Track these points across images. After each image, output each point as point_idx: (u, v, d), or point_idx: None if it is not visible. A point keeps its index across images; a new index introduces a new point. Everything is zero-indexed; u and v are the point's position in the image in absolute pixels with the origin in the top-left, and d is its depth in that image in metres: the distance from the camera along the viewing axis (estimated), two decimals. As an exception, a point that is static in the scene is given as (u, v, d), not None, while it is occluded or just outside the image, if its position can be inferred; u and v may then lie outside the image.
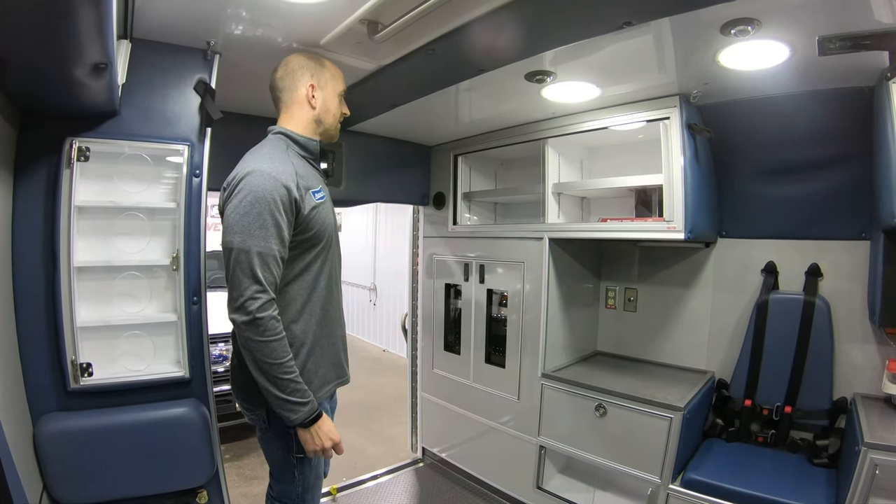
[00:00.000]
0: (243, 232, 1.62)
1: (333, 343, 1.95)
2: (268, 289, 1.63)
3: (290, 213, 1.70)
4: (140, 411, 2.04)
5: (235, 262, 1.62)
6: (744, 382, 2.80)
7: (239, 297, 1.61)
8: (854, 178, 2.54)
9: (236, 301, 1.62)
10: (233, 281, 1.63)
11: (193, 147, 2.09)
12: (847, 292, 2.64)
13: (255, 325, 1.61)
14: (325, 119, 1.92)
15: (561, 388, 2.94)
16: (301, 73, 1.87)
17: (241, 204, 1.64)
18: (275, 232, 1.64)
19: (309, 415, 1.71)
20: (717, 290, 3.05)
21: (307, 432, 1.74)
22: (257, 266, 1.61)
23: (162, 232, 2.07)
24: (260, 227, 1.62)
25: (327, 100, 1.91)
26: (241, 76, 2.30)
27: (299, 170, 1.78)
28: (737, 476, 2.39)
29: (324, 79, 1.90)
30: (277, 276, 1.68)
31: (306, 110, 1.88)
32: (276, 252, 1.65)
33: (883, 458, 1.94)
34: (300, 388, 1.69)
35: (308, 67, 1.88)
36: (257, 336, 1.62)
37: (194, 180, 2.08)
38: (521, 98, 2.65)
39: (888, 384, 2.34)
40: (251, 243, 1.61)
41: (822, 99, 2.38)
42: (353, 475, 3.70)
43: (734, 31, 1.81)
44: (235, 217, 1.64)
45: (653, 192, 2.88)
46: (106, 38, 1.42)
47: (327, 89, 1.91)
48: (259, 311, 1.61)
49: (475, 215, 3.75)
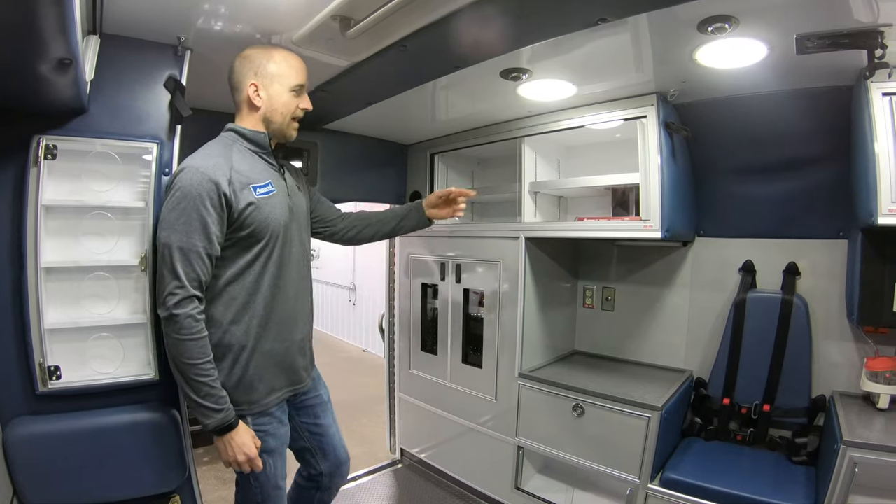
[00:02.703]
0: (168, 227, 1.62)
1: (285, 347, 1.91)
2: (187, 285, 1.61)
3: (220, 209, 1.67)
4: (110, 415, 1.99)
5: (160, 257, 1.63)
6: (722, 381, 2.80)
7: (161, 292, 1.62)
8: (831, 177, 2.56)
9: (159, 296, 1.63)
10: (157, 276, 1.65)
11: (163, 145, 2.04)
12: (824, 291, 2.66)
13: (172, 321, 1.59)
14: (273, 118, 1.87)
15: (538, 388, 2.92)
16: (245, 72, 1.83)
17: (170, 199, 1.64)
18: (199, 227, 1.62)
19: (222, 423, 1.68)
20: (695, 289, 3.06)
21: (220, 441, 1.72)
22: (178, 262, 1.60)
23: (131, 232, 2.02)
24: (184, 223, 1.61)
25: (273, 98, 1.85)
26: (212, 73, 2.26)
27: (240, 165, 1.75)
28: (716, 475, 2.39)
29: (269, 75, 1.83)
30: (202, 273, 1.65)
31: (252, 110, 1.85)
32: (199, 248, 1.62)
33: (862, 456, 1.95)
34: (215, 394, 1.66)
35: (252, 65, 1.83)
36: (174, 333, 1.60)
37: (164, 179, 2.03)
38: (496, 96, 2.64)
39: (866, 382, 2.36)
40: (173, 238, 1.61)
41: (800, 98, 2.38)
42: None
43: (711, 29, 1.80)
44: (164, 212, 1.65)
45: (630, 191, 2.88)
46: (69, 32, 1.38)
47: (273, 86, 1.84)
48: (175, 308, 1.59)
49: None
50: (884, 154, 1.96)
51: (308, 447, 2.17)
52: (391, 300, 4.11)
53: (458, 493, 3.43)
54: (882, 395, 2.29)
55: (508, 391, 3.09)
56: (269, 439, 1.89)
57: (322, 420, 2.18)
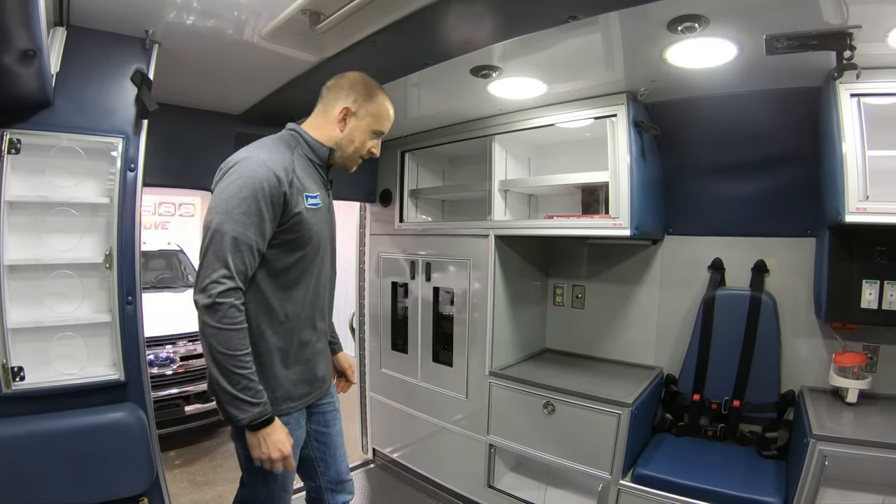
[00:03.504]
0: (223, 213, 1.55)
1: (311, 353, 1.86)
2: (235, 276, 1.56)
3: (277, 207, 1.63)
4: (75, 417, 1.94)
5: (209, 242, 1.55)
6: (692, 377, 2.83)
7: (205, 278, 1.54)
8: (800, 176, 2.60)
9: (201, 282, 1.55)
10: (202, 261, 1.56)
11: (129, 140, 2.01)
12: (793, 288, 2.71)
13: (214, 309, 1.53)
14: (345, 147, 1.85)
15: (509, 387, 2.93)
16: (345, 94, 1.81)
17: (228, 186, 1.58)
18: (256, 221, 1.58)
19: (258, 417, 1.60)
20: (665, 286, 3.09)
21: (255, 436, 1.63)
22: (229, 251, 1.54)
23: (95, 229, 1.98)
24: (242, 214, 1.56)
25: (355, 130, 1.83)
26: (180, 67, 2.23)
27: (299, 170, 1.72)
28: (687, 470, 2.42)
29: (364, 110, 1.82)
30: (249, 266, 1.60)
31: (332, 128, 1.82)
32: (252, 241, 1.58)
33: (832, 450, 1.99)
34: (253, 387, 1.59)
35: (355, 91, 1.81)
36: (214, 321, 1.53)
37: (129, 174, 1.99)
38: (467, 94, 2.63)
39: (835, 377, 2.40)
40: (228, 227, 1.54)
41: (769, 99, 2.42)
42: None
43: (681, 28, 1.81)
44: (220, 198, 1.58)
45: (599, 189, 2.88)
46: (32, 22, 1.35)
47: (362, 121, 1.83)
48: (220, 297, 1.53)
49: (422, 213, 3.71)
50: (851, 154, 2.00)
51: (311, 456, 2.09)
52: (361, 299, 4.08)
53: (431, 492, 3.42)
54: (850, 389, 2.33)
55: (479, 389, 3.08)
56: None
57: (330, 429, 2.10)
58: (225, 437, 4.78)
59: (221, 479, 3.90)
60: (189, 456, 4.33)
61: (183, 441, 4.49)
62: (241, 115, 3.00)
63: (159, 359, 4.26)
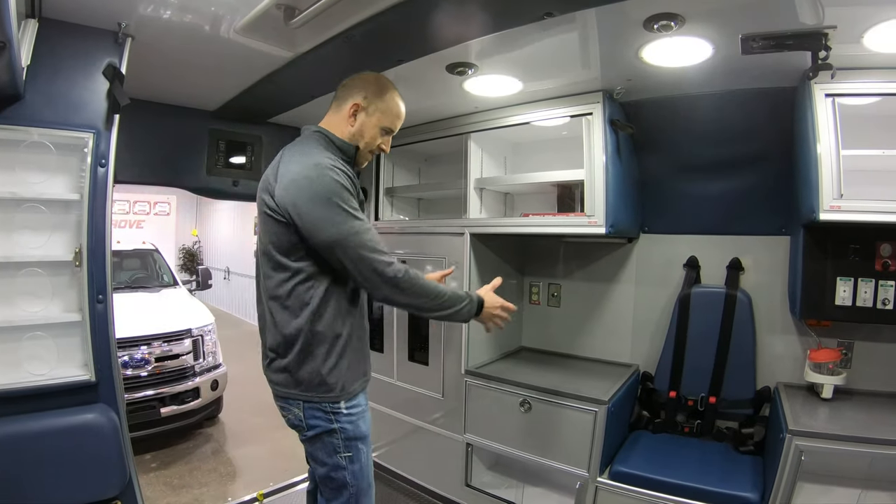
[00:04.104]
0: (341, 220, 1.63)
1: (365, 340, 1.96)
2: (387, 252, 1.69)
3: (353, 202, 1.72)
4: (45, 418, 1.91)
5: (351, 246, 1.64)
6: (668, 374, 2.85)
7: (375, 269, 1.65)
8: (774, 175, 2.63)
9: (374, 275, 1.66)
10: (360, 264, 1.65)
11: (100, 135, 1.97)
12: (768, 286, 2.73)
13: (401, 279, 1.68)
14: (357, 142, 1.87)
15: (485, 385, 2.92)
16: (357, 90, 1.84)
17: (322, 194, 1.64)
18: (356, 212, 1.68)
19: (476, 306, 1.85)
20: (641, 284, 3.11)
21: (483, 316, 1.90)
22: (367, 239, 1.65)
23: (65, 226, 1.95)
24: (349, 209, 1.65)
25: (366, 126, 1.86)
26: (154, 61, 2.20)
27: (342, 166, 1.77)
28: (664, 466, 2.43)
29: (374, 106, 1.85)
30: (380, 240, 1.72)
31: (343, 124, 1.85)
32: (367, 224, 1.70)
33: (808, 445, 2.01)
34: (458, 294, 1.82)
35: (366, 89, 1.85)
36: (411, 285, 1.71)
37: (99, 170, 1.96)
38: (443, 91, 2.62)
39: (810, 373, 2.43)
40: (352, 225, 1.64)
41: (745, 98, 2.44)
42: (281, 479, 3.57)
43: (657, 27, 1.82)
44: (324, 208, 1.64)
45: (575, 188, 2.89)
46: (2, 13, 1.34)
47: (372, 117, 1.85)
48: (397, 269, 1.68)
49: (398, 211, 3.69)
50: (826, 153, 2.03)
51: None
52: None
53: (409, 492, 3.39)
54: (826, 385, 2.36)
55: (456, 388, 3.06)
56: (360, 423, 1.87)
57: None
58: (202, 439, 4.72)
59: (198, 483, 3.84)
60: (165, 459, 4.27)
61: (159, 444, 4.43)
62: (215, 111, 2.97)
63: (134, 360, 4.18)
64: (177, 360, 4.42)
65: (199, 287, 6.26)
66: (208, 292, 7.08)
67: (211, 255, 13.17)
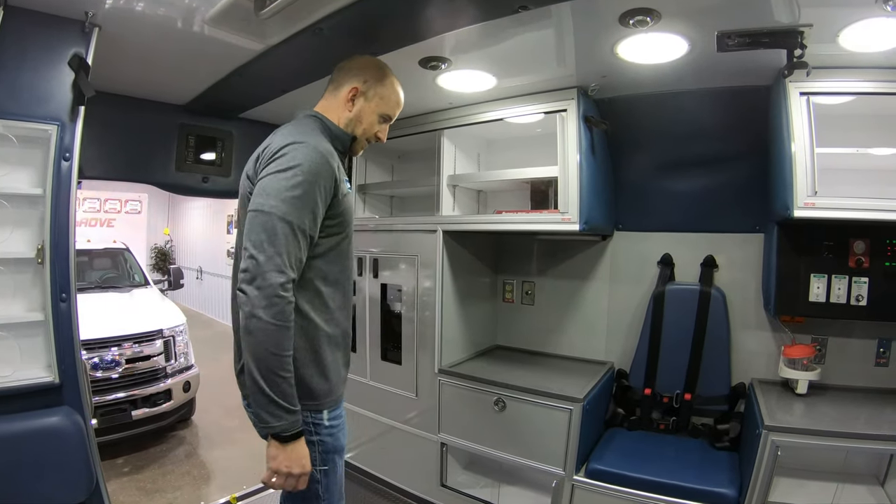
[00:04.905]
0: (277, 196, 1.45)
1: (348, 340, 1.79)
2: (292, 266, 1.46)
3: (329, 193, 1.56)
4: (7, 422, 1.84)
5: (263, 227, 1.43)
6: (643, 372, 2.87)
7: (259, 268, 1.41)
8: (748, 174, 2.66)
9: (255, 272, 1.41)
10: (254, 248, 1.43)
11: (64, 127, 1.91)
12: (741, 283, 2.76)
13: (271, 305, 1.40)
14: (354, 129, 1.77)
15: (459, 384, 2.89)
16: (355, 74, 1.75)
17: (286, 171, 1.47)
18: (311, 209, 1.50)
19: (291, 428, 1.47)
20: (615, 282, 3.12)
21: (282, 450, 1.48)
22: (285, 239, 1.44)
23: (27, 221, 1.88)
24: (300, 199, 1.47)
25: (364, 111, 1.76)
26: (122, 52, 2.14)
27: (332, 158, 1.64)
28: (640, 463, 2.44)
29: (373, 91, 1.76)
30: (304, 254, 1.51)
31: (340, 109, 1.75)
32: (307, 227, 1.49)
33: (784, 440, 2.02)
34: (292, 393, 1.47)
35: (365, 73, 1.75)
36: (270, 318, 1.40)
37: (63, 164, 1.89)
38: (416, 86, 2.55)
39: (784, 369, 2.46)
40: (284, 211, 1.44)
41: (719, 97, 2.46)
42: (255, 482, 3.49)
43: (633, 22, 1.82)
44: (275, 181, 1.47)
45: (548, 185, 2.88)
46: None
47: (371, 103, 1.76)
48: (281, 290, 1.41)
49: (370, 208, 3.64)
50: (800, 150, 2.05)
51: None
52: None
53: (384, 493, 3.34)
54: (801, 380, 2.39)
55: (429, 387, 3.04)
56: (340, 435, 1.75)
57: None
58: (175, 442, 4.64)
59: (172, 486, 3.76)
60: (138, 463, 4.17)
61: (131, 447, 4.32)
62: (185, 105, 2.90)
63: (104, 361, 4.07)
64: (148, 361, 4.32)
65: (170, 287, 6.17)
66: (180, 292, 6.96)
67: (183, 255, 12.96)
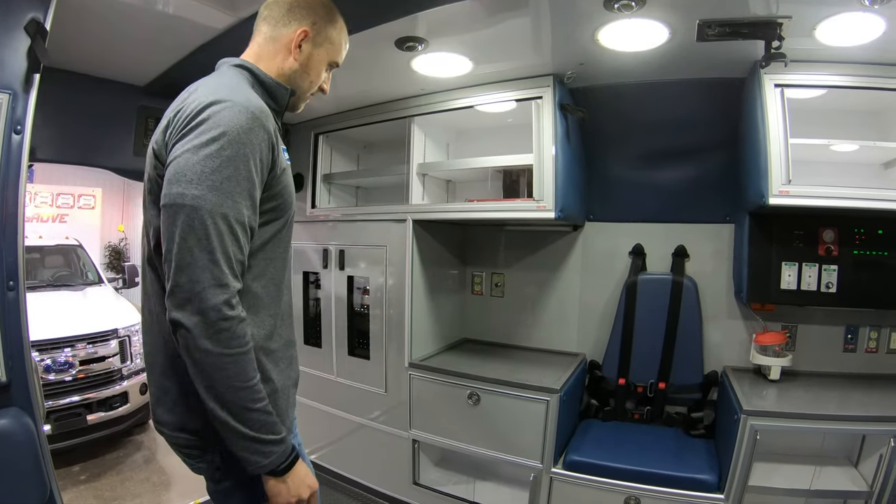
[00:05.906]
0: (201, 180, 1.08)
1: (293, 350, 1.45)
2: (235, 274, 1.12)
3: (266, 169, 1.20)
4: (-51, 424, 1.69)
5: (188, 229, 1.07)
6: (616, 362, 2.87)
7: (192, 284, 1.07)
8: (719, 165, 2.69)
9: (187, 291, 1.07)
10: (180, 259, 1.07)
11: (16, 97, 1.74)
12: (713, 272, 2.79)
13: (216, 329, 1.07)
14: (300, 81, 1.41)
15: (430, 378, 2.82)
16: (301, 13, 1.36)
17: (208, 142, 1.10)
18: (247, 190, 1.13)
19: (284, 457, 1.20)
20: (586, 272, 3.11)
21: (283, 482, 1.21)
22: (225, 239, 1.09)
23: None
24: (228, 180, 1.10)
25: (313, 59, 1.40)
26: (80, 23, 2.00)
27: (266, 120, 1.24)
28: (619, 453, 2.43)
29: (323, 35, 1.40)
30: (245, 253, 1.16)
31: (283, 56, 1.37)
32: (245, 219, 1.14)
33: (762, 424, 2.04)
34: (272, 421, 1.17)
35: (314, 14, 1.38)
36: (219, 347, 1.08)
37: (14, 137, 1.73)
38: (390, 70, 2.51)
39: (756, 356, 2.49)
40: (213, 201, 1.08)
41: (693, 88, 2.48)
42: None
43: (618, 6, 1.80)
44: (195, 158, 1.09)
45: (520, 174, 2.86)
46: None
47: (321, 49, 1.41)
48: (227, 308, 1.08)
49: (335, 200, 3.52)
50: (775, 140, 2.08)
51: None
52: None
53: (355, 493, 3.24)
54: (773, 367, 2.42)
55: (399, 382, 2.97)
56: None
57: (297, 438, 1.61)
58: (132, 448, 4.43)
59: (131, 494, 3.59)
60: (95, 470, 3.97)
61: (87, 454, 4.11)
62: (145, 86, 2.75)
63: (57, 363, 3.85)
64: (103, 362, 4.11)
65: (125, 285, 5.92)
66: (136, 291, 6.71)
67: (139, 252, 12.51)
